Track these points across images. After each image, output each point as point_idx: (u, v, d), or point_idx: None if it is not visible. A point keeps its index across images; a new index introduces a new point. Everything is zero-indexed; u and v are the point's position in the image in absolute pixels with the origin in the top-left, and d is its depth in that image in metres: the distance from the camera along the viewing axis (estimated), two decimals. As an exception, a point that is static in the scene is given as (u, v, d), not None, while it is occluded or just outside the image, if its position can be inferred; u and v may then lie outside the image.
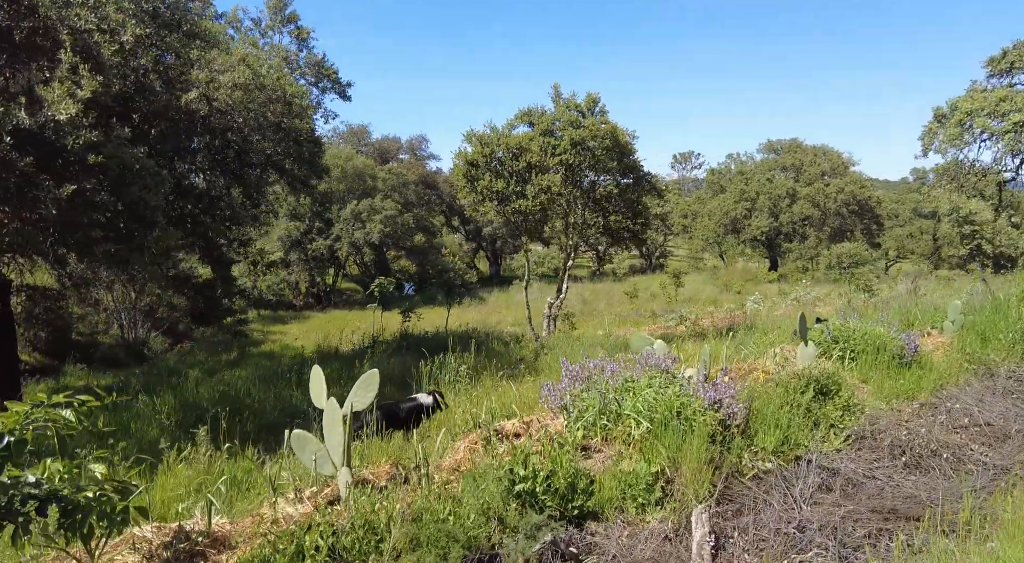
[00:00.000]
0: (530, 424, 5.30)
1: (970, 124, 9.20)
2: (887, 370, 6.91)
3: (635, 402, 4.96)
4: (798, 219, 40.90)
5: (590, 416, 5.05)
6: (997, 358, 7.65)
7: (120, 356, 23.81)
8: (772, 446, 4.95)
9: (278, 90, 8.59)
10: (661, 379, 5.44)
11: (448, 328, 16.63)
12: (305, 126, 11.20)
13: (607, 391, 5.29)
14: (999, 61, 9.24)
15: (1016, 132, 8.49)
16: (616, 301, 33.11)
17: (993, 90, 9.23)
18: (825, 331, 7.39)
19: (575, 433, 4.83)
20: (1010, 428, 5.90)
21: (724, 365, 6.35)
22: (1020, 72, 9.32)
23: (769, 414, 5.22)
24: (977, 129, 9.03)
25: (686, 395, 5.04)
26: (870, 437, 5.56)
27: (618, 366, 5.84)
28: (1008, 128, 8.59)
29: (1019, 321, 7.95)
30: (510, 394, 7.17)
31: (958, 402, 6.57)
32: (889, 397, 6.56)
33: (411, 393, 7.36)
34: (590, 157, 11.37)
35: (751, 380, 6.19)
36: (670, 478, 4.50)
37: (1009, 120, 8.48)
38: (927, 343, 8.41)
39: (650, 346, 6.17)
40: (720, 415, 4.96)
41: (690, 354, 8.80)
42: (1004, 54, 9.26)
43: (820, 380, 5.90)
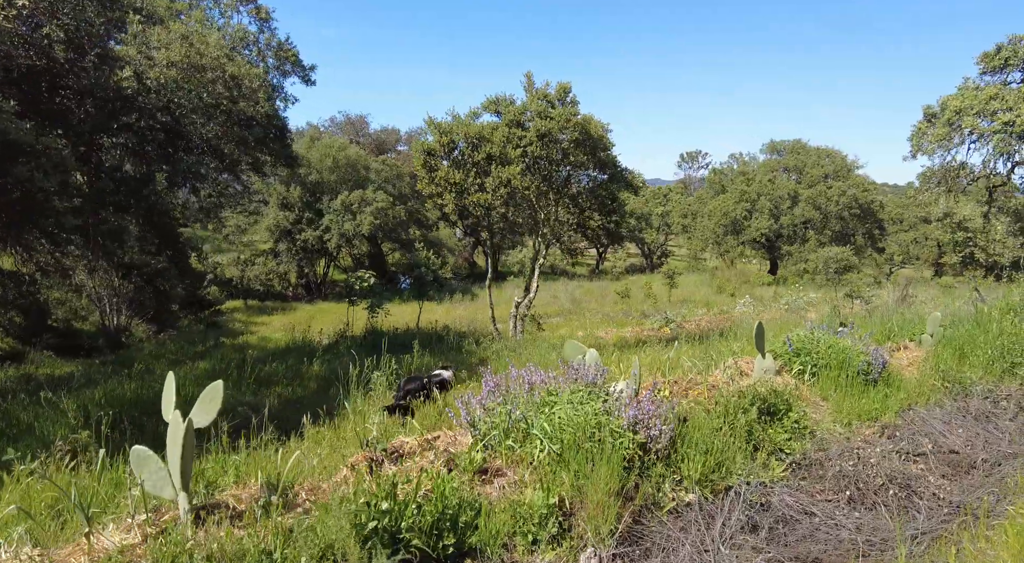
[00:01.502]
0: (435, 441, 4.76)
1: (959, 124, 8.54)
2: (850, 388, 6.33)
3: (543, 421, 4.41)
4: (799, 222, 40.12)
5: (495, 435, 4.51)
6: (974, 376, 7.06)
7: (98, 344, 23.42)
8: (697, 474, 4.40)
9: (218, 70, 8.04)
10: (584, 394, 4.89)
11: (419, 326, 16.11)
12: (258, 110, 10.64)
13: (518, 406, 4.75)
14: (992, 57, 8.56)
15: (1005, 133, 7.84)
16: (609, 301, 32.52)
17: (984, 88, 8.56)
18: (786, 342, 6.82)
19: (474, 454, 4.29)
20: (976, 457, 5.33)
21: (656, 379, 5.80)
22: (1015, 69, 8.67)
23: (699, 437, 4.67)
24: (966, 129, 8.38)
25: (604, 414, 4.49)
26: (817, 465, 5.00)
27: (546, 377, 5.30)
28: (997, 128, 7.94)
29: (1000, 336, 7.35)
30: (450, 401, 6.66)
31: (924, 425, 6.00)
32: (849, 418, 5.99)
33: (331, 393, 6.90)
34: (558, 150, 10.76)
35: (693, 396, 5.63)
36: (571, 511, 3.96)
37: (998, 120, 7.83)
38: (902, 357, 7.83)
39: (582, 355, 5.61)
40: (640, 437, 4.41)
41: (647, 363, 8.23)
42: (998, 49, 8.59)
43: (766, 398, 5.33)
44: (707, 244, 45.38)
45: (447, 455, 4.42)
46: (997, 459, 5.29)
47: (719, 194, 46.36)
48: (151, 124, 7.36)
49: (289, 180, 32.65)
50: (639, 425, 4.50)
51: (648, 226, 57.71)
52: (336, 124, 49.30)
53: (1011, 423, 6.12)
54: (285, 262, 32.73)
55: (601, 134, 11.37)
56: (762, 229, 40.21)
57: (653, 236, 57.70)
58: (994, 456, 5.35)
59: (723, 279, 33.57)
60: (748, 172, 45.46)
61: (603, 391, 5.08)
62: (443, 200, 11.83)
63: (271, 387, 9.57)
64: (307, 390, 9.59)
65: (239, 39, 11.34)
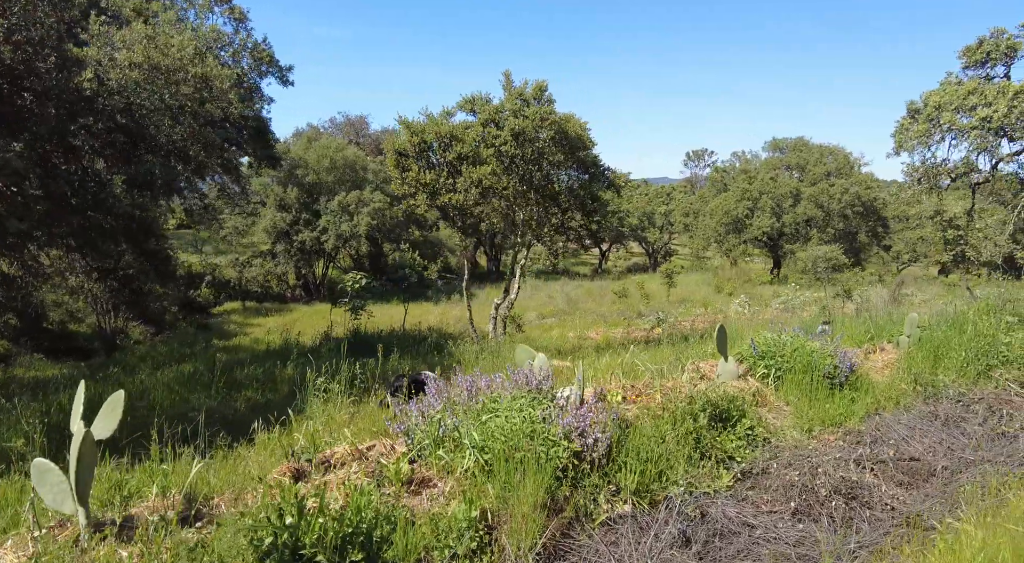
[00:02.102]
0: (370, 450, 4.63)
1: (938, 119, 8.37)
2: (814, 392, 6.15)
3: (474, 430, 4.27)
4: (801, 220, 39.71)
5: (425, 444, 4.38)
6: (947, 379, 6.87)
7: (94, 345, 23.47)
8: (634, 484, 4.24)
9: (181, 71, 7.94)
10: (526, 400, 4.75)
11: (404, 327, 15.99)
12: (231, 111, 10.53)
13: (456, 414, 4.61)
14: (974, 51, 8.36)
15: (982, 129, 7.65)
16: (607, 300, 32.30)
17: (964, 83, 8.38)
18: (751, 345, 6.65)
19: (401, 465, 4.16)
20: (937, 464, 5.15)
21: (611, 384, 5.65)
22: (999, 63, 8.46)
23: (641, 445, 4.52)
24: (945, 125, 8.20)
25: (541, 422, 4.35)
26: (768, 474, 4.83)
27: (493, 382, 5.17)
28: (974, 124, 7.74)
29: (975, 338, 7.14)
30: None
31: (889, 431, 5.82)
32: (812, 424, 5.81)
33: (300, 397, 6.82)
34: (533, 149, 10.57)
35: (646, 401, 5.47)
36: (496, 524, 3.82)
37: (976, 115, 7.64)
38: (877, 360, 7.63)
39: (531, 359, 5.47)
40: (575, 446, 4.26)
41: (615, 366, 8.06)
42: (980, 43, 8.39)
43: (717, 404, 5.17)
44: (709, 243, 45.03)
45: (377, 465, 4.29)
46: (958, 467, 5.11)
47: (721, 192, 45.99)
48: (110, 125, 7.28)
49: (286, 181, 32.65)
50: (576, 433, 4.35)
51: (651, 225, 57.43)
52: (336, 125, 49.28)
53: (980, 428, 5.93)
54: (283, 263, 32.73)
55: (580, 133, 11.20)
56: (764, 227, 39.83)
57: (656, 235, 57.41)
58: (955, 463, 5.17)
59: (722, 278, 33.27)
60: (750, 170, 45.08)
61: (548, 397, 4.93)
62: (415, 201, 11.70)
63: (241, 391, 9.47)
64: (278, 394, 9.49)
65: (213, 40, 11.28)
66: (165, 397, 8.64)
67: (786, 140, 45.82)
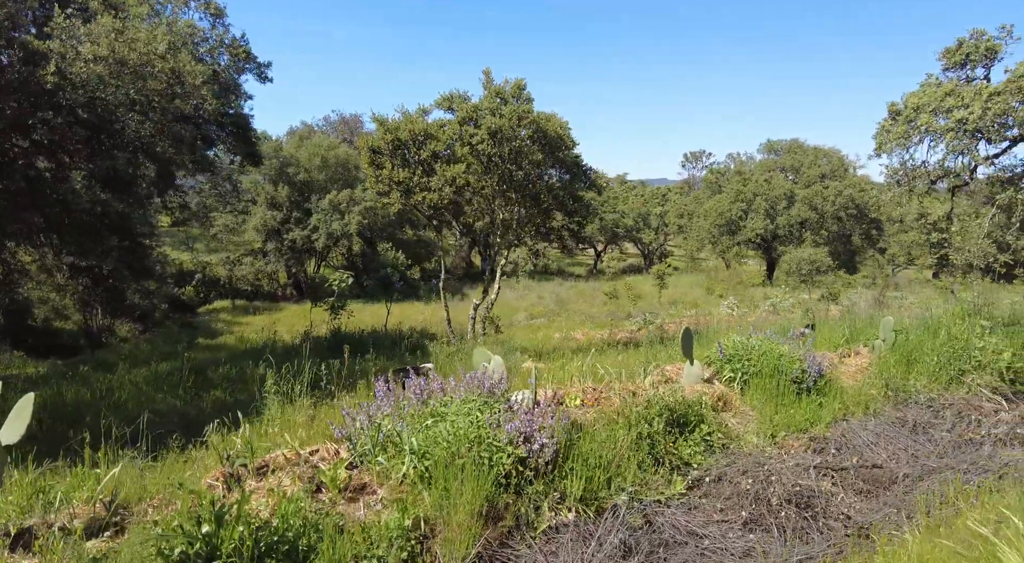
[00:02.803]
0: (312, 455, 4.50)
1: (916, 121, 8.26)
2: (781, 397, 6.03)
3: (414, 435, 4.14)
4: (795, 222, 39.65)
5: (366, 449, 4.25)
6: (919, 384, 6.76)
7: (79, 343, 23.29)
8: (580, 491, 4.12)
9: (148, 66, 7.79)
10: (476, 404, 4.62)
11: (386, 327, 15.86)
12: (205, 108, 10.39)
13: (403, 418, 4.49)
14: (954, 53, 8.25)
15: (958, 130, 7.53)
16: (598, 301, 32.18)
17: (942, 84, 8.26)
18: (718, 348, 6.53)
19: (338, 471, 4.03)
20: (900, 472, 5.03)
21: (571, 387, 5.53)
22: (978, 65, 8.35)
23: (591, 450, 4.39)
24: (922, 127, 8.09)
25: (487, 427, 4.22)
26: (724, 481, 4.71)
27: (447, 385, 5.05)
28: (951, 126, 7.62)
29: (948, 342, 7.03)
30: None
31: (855, 438, 5.70)
32: (776, 430, 5.69)
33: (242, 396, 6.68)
34: (511, 148, 10.43)
35: (605, 405, 5.35)
36: (431, 533, 3.69)
37: (952, 117, 7.52)
38: (851, 364, 7.52)
39: (487, 362, 5.34)
40: (521, 452, 4.14)
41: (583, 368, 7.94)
42: (959, 44, 8.27)
43: (674, 409, 5.04)
44: (703, 244, 44.96)
45: (315, 471, 4.17)
46: (921, 474, 4.99)
47: (716, 194, 45.91)
48: (70, 120, 7.14)
49: (277, 179, 32.51)
50: (522, 438, 4.23)
51: (647, 226, 57.36)
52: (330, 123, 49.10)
53: (947, 434, 5.82)
54: (273, 262, 32.57)
55: (560, 132, 11.05)
56: (757, 229, 39.77)
57: (651, 236, 57.34)
58: (918, 471, 5.05)
59: (713, 280, 33.17)
60: (745, 172, 45.02)
61: (501, 401, 4.81)
62: (389, 199, 11.56)
63: (211, 391, 9.34)
64: (248, 394, 9.35)
65: (188, 35, 11.12)
66: (130, 397, 8.50)
67: (781, 142, 45.78)
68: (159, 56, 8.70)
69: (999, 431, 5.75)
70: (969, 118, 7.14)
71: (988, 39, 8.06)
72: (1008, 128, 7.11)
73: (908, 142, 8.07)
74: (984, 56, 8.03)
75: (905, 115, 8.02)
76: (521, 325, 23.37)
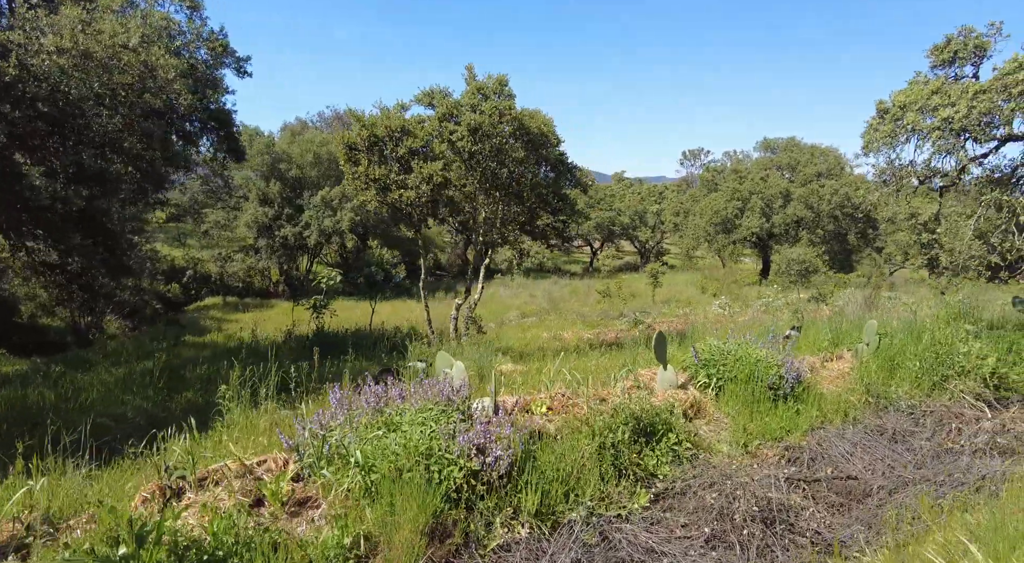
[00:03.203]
0: (260, 465, 4.31)
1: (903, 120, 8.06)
2: (756, 404, 5.85)
3: (361, 446, 3.96)
4: (791, 221, 39.44)
5: (311, 462, 4.07)
6: (901, 390, 6.58)
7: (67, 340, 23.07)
8: (534, 506, 3.94)
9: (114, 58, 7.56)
10: (433, 413, 4.44)
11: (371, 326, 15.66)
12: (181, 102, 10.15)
13: (355, 427, 4.31)
14: (942, 50, 8.04)
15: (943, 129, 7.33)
16: (592, 300, 32.00)
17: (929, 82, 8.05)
18: (693, 353, 6.34)
19: (280, 484, 3.85)
20: (875, 484, 4.85)
21: (519, 396, 5.34)
22: (967, 63, 8.14)
23: (550, 462, 4.21)
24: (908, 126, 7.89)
25: (439, 438, 4.04)
26: (689, 494, 4.53)
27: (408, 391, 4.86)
28: (937, 125, 7.43)
29: (931, 347, 6.85)
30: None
31: (832, 447, 5.52)
32: (750, 438, 5.51)
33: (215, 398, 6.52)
34: (491, 145, 10.21)
35: (573, 412, 5.16)
36: (367, 553, 3.50)
37: (938, 116, 7.32)
38: (833, 368, 7.33)
39: (449, 368, 5.16)
40: (474, 465, 3.95)
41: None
42: (948, 42, 8.07)
43: (641, 417, 4.86)
44: (698, 243, 44.76)
45: (259, 483, 3.98)
46: (896, 486, 4.82)
47: (712, 192, 45.70)
48: (30, 114, 6.92)
49: (269, 175, 32.25)
50: (476, 450, 4.04)
51: (643, 224, 57.17)
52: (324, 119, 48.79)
53: (927, 443, 5.64)
54: (265, 258, 32.33)
55: (543, 129, 10.83)
56: (753, 228, 39.57)
57: (647, 234, 57.16)
58: (894, 482, 4.88)
59: (706, 279, 32.99)
60: (741, 170, 44.81)
61: (459, 410, 4.63)
62: (366, 196, 11.35)
63: (183, 392, 9.15)
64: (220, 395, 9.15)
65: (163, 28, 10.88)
66: (97, 399, 8.31)
67: (778, 140, 45.57)
68: (130, 49, 8.48)
69: (979, 440, 5.58)
70: (955, 117, 6.95)
71: (977, 36, 7.86)
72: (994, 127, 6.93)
73: (895, 141, 7.88)
74: (973, 54, 7.83)
75: (892, 114, 7.83)
76: (512, 324, 23.20)
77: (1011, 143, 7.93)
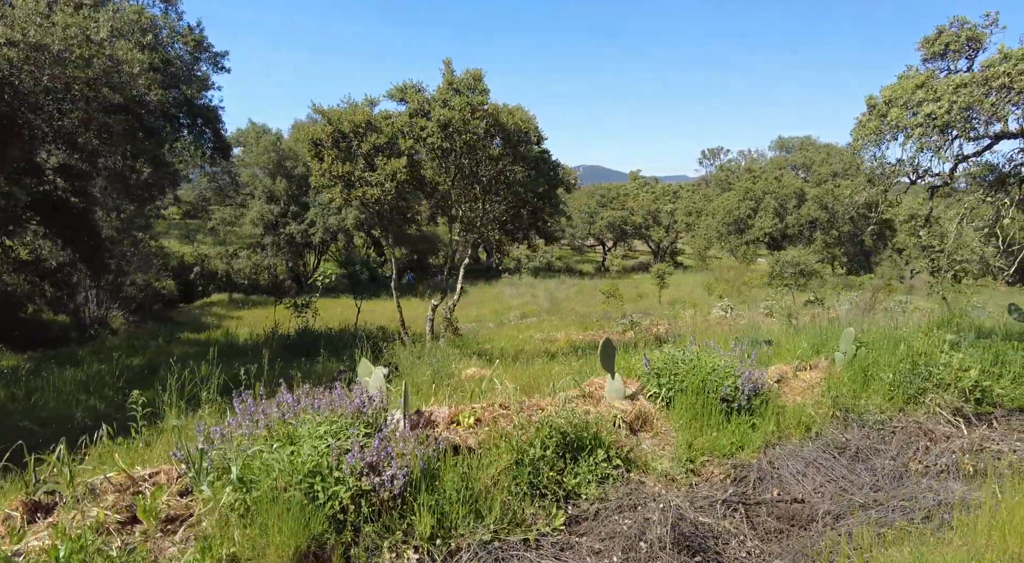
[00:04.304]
0: (150, 478, 4.07)
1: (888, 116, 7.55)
2: (707, 418, 5.49)
3: (240, 462, 3.69)
4: (805, 221, 38.62)
5: (191, 477, 3.81)
6: (872, 404, 6.16)
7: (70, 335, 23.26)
8: (428, 530, 3.64)
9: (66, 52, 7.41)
10: (338, 425, 4.17)
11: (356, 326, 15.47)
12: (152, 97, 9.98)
13: (252, 438, 4.05)
14: (932, 42, 7.51)
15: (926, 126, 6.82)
16: (598, 300, 31.55)
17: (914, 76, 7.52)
18: (644, 361, 5.99)
19: (156, 499, 3.60)
20: (821, 508, 4.48)
21: (452, 406, 5.04)
22: (961, 57, 7.59)
23: (453, 480, 3.91)
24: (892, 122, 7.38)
25: (329, 454, 3.76)
26: (609, 516, 4.19)
27: (322, 400, 4.60)
28: (920, 121, 6.91)
29: (907, 359, 6.41)
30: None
31: (784, 466, 5.14)
32: (697, 455, 5.15)
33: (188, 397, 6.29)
34: (462, 142, 9.89)
35: (502, 424, 4.85)
36: (233, 579, 3.24)
37: (921, 111, 6.82)
38: (804, 379, 6.93)
39: (368, 375, 4.88)
40: (364, 484, 3.67)
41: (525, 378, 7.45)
42: (939, 33, 7.54)
43: (568, 431, 4.54)
44: (710, 243, 44.05)
45: (134, 499, 3.73)
46: (844, 511, 4.44)
47: (725, 191, 44.95)
48: (-28, 109, 6.83)
49: (275, 172, 32.31)
50: (368, 468, 3.76)
51: (656, 224, 56.45)
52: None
53: (890, 463, 5.24)
54: (271, 255, 32.42)
55: (522, 126, 10.47)
56: (766, 228, 38.83)
57: (661, 234, 56.41)
58: (843, 507, 4.50)
59: (714, 280, 32.36)
60: (755, 169, 43.99)
61: (368, 422, 4.35)
62: (332, 194, 11.13)
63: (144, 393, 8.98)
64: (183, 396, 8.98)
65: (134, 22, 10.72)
66: (51, 399, 8.18)
67: (793, 139, 44.68)
68: (94, 43, 8.34)
69: (945, 461, 5.16)
70: (938, 112, 6.50)
71: (971, 27, 7.38)
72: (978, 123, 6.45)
73: (880, 139, 7.43)
74: (966, 46, 7.35)
75: (878, 109, 7.38)
76: (510, 324, 22.92)
77: (1005, 141, 7.43)
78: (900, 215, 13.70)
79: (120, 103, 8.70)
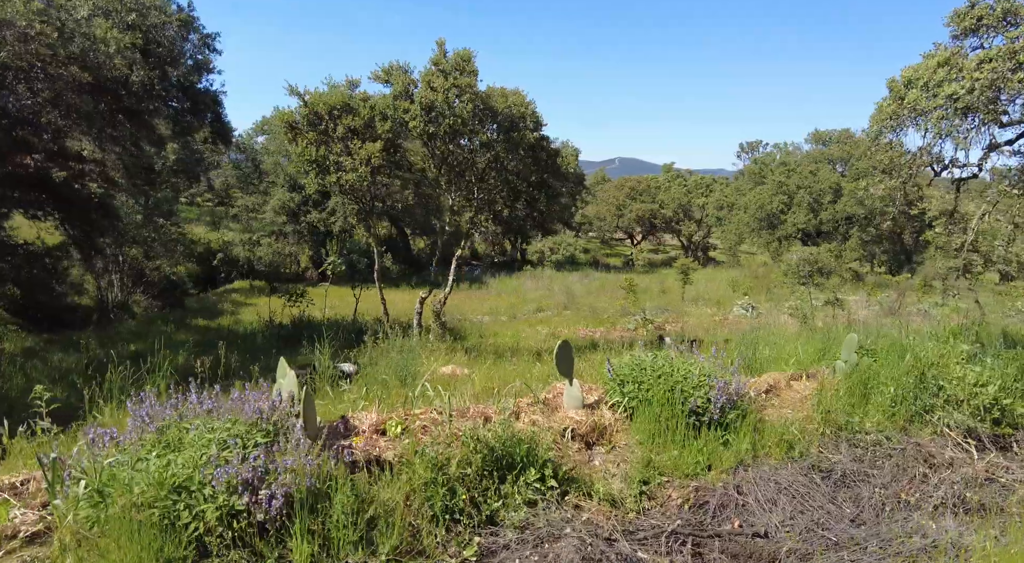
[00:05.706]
0: (21, 486, 3.70)
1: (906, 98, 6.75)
2: (672, 433, 4.90)
3: (97, 479, 3.28)
4: (841, 217, 36.98)
5: (44, 488, 3.42)
6: (869, 422, 5.48)
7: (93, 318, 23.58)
8: (306, 558, 3.18)
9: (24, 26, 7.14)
10: (232, 432, 3.73)
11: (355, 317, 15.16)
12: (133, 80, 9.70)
13: (138, 444, 3.64)
14: (963, 16, 6.65)
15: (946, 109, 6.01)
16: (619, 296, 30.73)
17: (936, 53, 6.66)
18: (607, 368, 5.42)
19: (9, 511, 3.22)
20: (785, 546, 3.86)
21: (357, 413, 4.55)
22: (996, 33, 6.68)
23: (345, 502, 3.44)
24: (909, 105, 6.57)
25: (199, 468, 3.32)
26: (524, 549, 3.66)
27: (217, 405, 4.18)
28: (939, 103, 6.09)
29: (911, 372, 5.69)
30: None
31: (754, 491, 4.53)
32: (654, 476, 4.58)
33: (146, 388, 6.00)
34: (446, 126, 9.33)
35: (424, 438, 4.36)
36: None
37: (942, 92, 5.99)
38: (798, 390, 6.25)
39: (283, 377, 4.43)
40: (237, 503, 3.22)
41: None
42: (972, 6, 6.66)
43: (496, 447, 4.02)
44: (740, 238, 42.64)
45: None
46: (813, 550, 3.82)
47: (758, 185, 43.38)
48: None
49: (298, 161, 32.30)
50: (244, 485, 3.31)
51: (688, 217, 55.04)
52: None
53: (879, 492, 4.57)
54: (292, 243, 32.49)
55: (515, 110, 9.84)
56: (799, 224, 37.33)
57: (692, 228, 54.97)
58: (813, 545, 3.88)
59: (742, 277, 31.20)
60: (790, 163, 42.35)
61: (267, 430, 3.91)
62: (307, 179, 10.73)
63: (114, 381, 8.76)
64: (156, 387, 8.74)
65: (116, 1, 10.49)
66: (14, 387, 8.01)
67: (831, 132, 42.85)
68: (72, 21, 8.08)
69: (943, 492, 4.48)
70: (960, 93, 5.71)
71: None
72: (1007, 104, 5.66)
73: (898, 124, 6.64)
74: (1001, 19, 6.50)
75: (895, 92, 6.58)
76: (523, 318, 22.37)
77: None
78: (931, 210, 12.75)
79: (91, 82, 8.48)
